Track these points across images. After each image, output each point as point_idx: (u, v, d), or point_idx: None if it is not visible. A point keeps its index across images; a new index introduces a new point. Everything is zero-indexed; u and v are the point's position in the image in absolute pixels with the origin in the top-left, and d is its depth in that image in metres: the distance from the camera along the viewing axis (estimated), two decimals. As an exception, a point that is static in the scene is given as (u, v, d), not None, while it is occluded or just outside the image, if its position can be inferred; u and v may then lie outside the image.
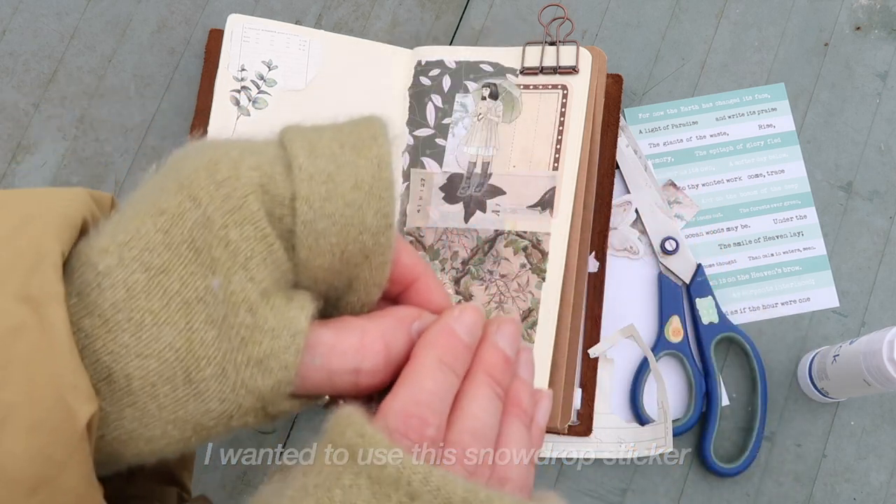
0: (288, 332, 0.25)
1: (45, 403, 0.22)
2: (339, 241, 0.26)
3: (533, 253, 0.60)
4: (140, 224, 0.25)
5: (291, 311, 0.25)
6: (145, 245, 0.24)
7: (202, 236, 0.24)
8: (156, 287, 0.24)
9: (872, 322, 0.63)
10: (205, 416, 0.25)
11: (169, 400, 0.24)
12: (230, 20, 0.65)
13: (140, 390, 0.24)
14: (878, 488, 0.60)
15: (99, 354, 0.24)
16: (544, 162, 0.61)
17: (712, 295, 0.62)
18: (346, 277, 0.27)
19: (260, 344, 0.24)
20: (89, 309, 0.24)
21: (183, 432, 0.25)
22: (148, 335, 0.24)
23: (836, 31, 0.68)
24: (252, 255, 0.25)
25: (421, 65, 0.65)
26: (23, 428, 0.22)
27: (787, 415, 0.61)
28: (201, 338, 0.24)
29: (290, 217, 0.25)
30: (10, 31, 0.68)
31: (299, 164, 0.25)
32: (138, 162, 0.66)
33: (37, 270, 0.23)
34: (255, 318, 0.24)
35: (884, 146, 0.66)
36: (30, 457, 0.22)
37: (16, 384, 0.22)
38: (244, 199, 0.25)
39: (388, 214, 0.26)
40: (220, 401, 0.25)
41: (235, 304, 0.24)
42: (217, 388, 0.24)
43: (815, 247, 0.64)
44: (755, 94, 0.67)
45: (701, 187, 0.66)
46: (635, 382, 0.61)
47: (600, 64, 0.62)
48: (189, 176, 0.25)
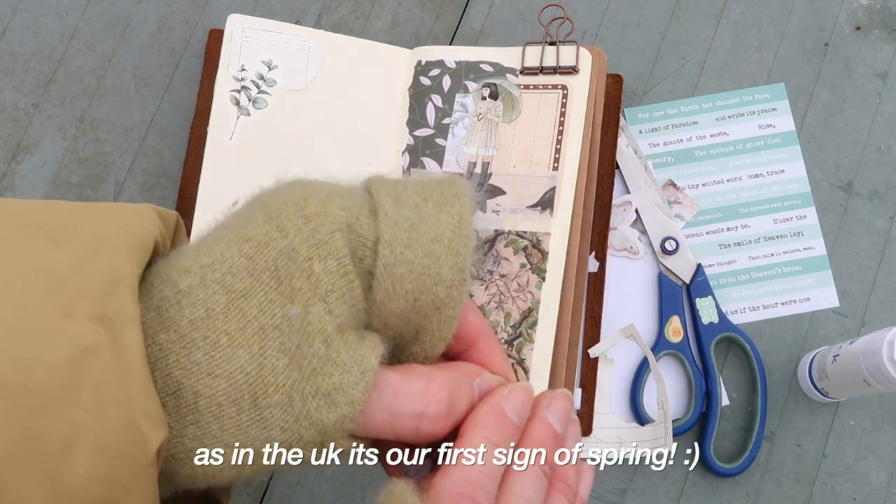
0: (358, 368, 0.25)
1: (115, 426, 0.22)
2: (414, 288, 0.26)
3: (533, 253, 0.60)
4: (224, 248, 0.25)
5: (363, 348, 0.26)
6: (228, 269, 0.25)
7: (286, 266, 0.25)
8: (235, 310, 0.24)
9: (872, 322, 0.63)
10: (264, 443, 0.25)
11: (232, 423, 0.24)
12: (230, 20, 0.65)
13: (206, 409, 0.24)
14: (878, 488, 0.60)
15: (171, 368, 0.24)
16: (544, 162, 0.61)
17: (712, 295, 0.62)
18: (414, 327, 0.28)
19: (330, 376, 0.25)
20: (166, 324, 0.24)
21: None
22: (221, 355, 0.24)
23: (836, 31, 0.68)
24: (332, 289, 0.25)
25: (421, 65, 0.65)
26: (91, 449, 0.22)
27: (787, 415, 0.61)
28: (273, 364, 0.24)
29: (371, 259, 0.26)
30: (10, 31, 0.68)
31: (385, 210, 0.26)
32: (138, 162, 0.66)
33: (113, 292, 0.23)
34: (329, 350, 0.25)
35: (884, 146, 0.66)
36: (96, 479, 0.22)
37: (86, 405, 0.22)
38: (331, 234, 0.25)
39: (463, 269, 0.27)
40: (281, 430, 0.25)
41: (311, 335, 0.25)
42: (281, 416, 0.25)
43: (815, 247, 0.64)
44: (755, 94, 0.67)
45: (701, 187, 0.66)
46: (635, 382, 0.61)
47: (600, 64, 0.62)
48: (277, 208, 0.26)
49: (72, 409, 0.22)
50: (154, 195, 0.65)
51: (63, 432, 0.22)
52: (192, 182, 0.63)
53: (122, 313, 0.23)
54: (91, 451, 0.22)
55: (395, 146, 0.64)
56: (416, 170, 0.63)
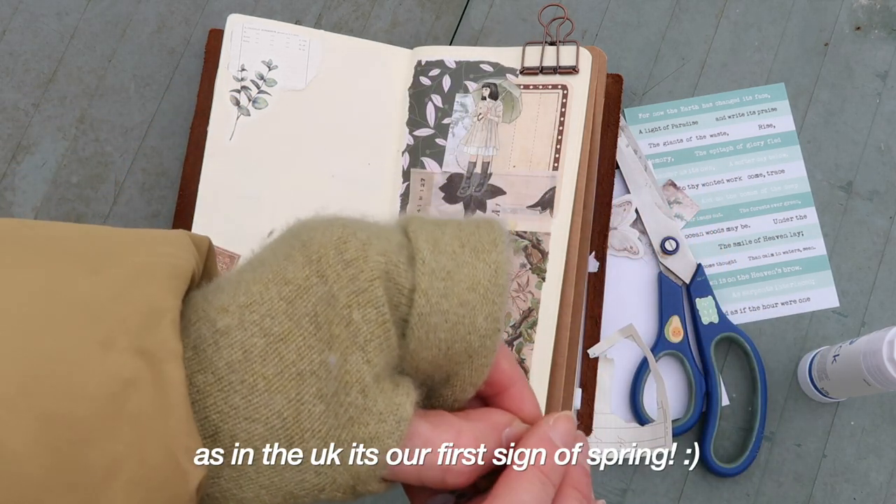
0: (394, 417, 0.25)
1: (154, 461, 0.22)
2: (448, 337, 0.27)
3: (533, 253, 0.60)
4: (263, 289, 0.25)
5: (398, 396, 0.26)
6: (267, 311, 0.25)
7: (325, 312, 0.25)
8: (273, 354, 0.24)
9: (872, 322, 0.63)
10: (298, 486, 0.25)
11: (268, 466, 0.25)
12: (230, 20, 0.65)
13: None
14: (878, 488, 0.60)
15: (209, 412, 0.24)
16: (544, 162, 0.61)
17: (712, 295, 0.62)
18: (445, 373, 0.28)
19: (367, 425, 0.25)
20: (203, 365, 0.24)
21: (273, 498, 0.25)
22: (259, 400, 0.24)
23: (836, 31, 0.68)
24: (371, 338, 0.25)
25: (421, 65, 0.65)
26: (129, 482, 0.22)
27: (787, 415, 0.61)
28: (309, 410, 0.25)
29: (407, 307, 0.26)
30: (10, 31, 0.68)
31: (423, 258, 0.26)
32: (138, 162, 0.66)
33: (155, 325, 0.23)
34: (366, 400, 0.25)
35: (884, 146, 0.66)
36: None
37: (125, 438, 0.22)
38: (371, 283, 0.25)
39: (497, 319, 0.27)
40: (316, 473, 0.25)
41: (349, 384, 0.25)
42: (316, 462, 0.25)
43: (815, 247, 0.64)
44: (755, 94, 0.67)
45: (701, 187, 0.66)
46: (635, 382, 0.61)
47: (600, 64, 0.62)
48: (318, 251, 0.26)
49: (111, 442, 0.22)
50: (154, 195, 0.65)
51: (102, 464, 0.22)
52: (192, 182, 0.63)
53: (164, 347, 0.23)
54: (129, 484, 0.22)
55: (395, 146, 0.64)
56: (416, 170, 0.63)
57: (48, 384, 0.22)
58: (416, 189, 0.63)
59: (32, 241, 0.24)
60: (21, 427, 0.21)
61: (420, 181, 0.63)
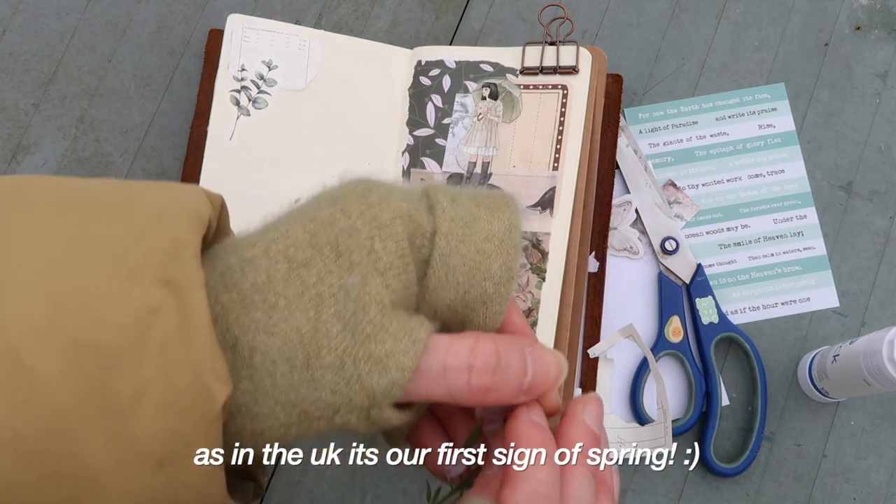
0: (409, 338, 0.26)
1: (181, 383, 0.23)
2: (465, 280, 0.28)
3: (533, 253, 0.60)
4: (290, 226, 0.27)
5: (413, 322, 0.27)
6: (291, 242, 0.26)
7: (346, 242, 0.26)
8: (295, 277, 0.26)
9: (872, 322, 0.63)
10: (313, 404, 0.26)
11: (284, 380, 0.25)
12: (230, 20, 0.65)
13: (260, 364, 0.25)
14: (878, 488, 0.60)
15: (230, 325, 0.25)
16: (544, 162, 0.61)
17: (712, 295, 0.62)
18: (460, 320, 0.29)
19: (383, 343, 0.26)
20: (228, 287, 0.26)
21: (288, 416, 0.26)
22: (279, 316, 0.25)
23: (836, 31, 0.68)
24: (390, 266, 0.27)
25: (421, 65, 0.65)
26: (157, 405, 0.23)
27: (787, 415, 0.61)
28: (327, 329, 0.25)
29: (428, 248, 0.28)
30: (10, 31, 0.68)
31: (442, 207, 0.28)
32: (138, 162, 0.66)
33: (176, 258, 0.24)
34: (383, 319, 0.26)
35: (884, 146, 0.66)
36: (162, 433, 0.23)
37: (151, 363, 0.23)
38: (392, 220, 0.27)
39: (511, 269, 0.29)
40: (332, 391, 0.26)
41: (367, 304, 0.26)
42: (332, 378, 0.25)
43: (815, 247, 0.64)
44: (755, 94, 0.67)
45: (701, 187, 0.66)
46: (635, 382, 0.61)
47: (600, 64, 0.62)
48: (343, 196, 0.27)
49: (139, 367, 0.23)
50: (154, 195, 0.65)
51: (130, 389, 0.23)
52: (191, 182, 0.63)
53: (186, 277, 0.24)
54: (157, 407, 0.23)
55: (395, 146, 0.64)
56: (416, 170, 0.63)
57: (76, 315, 0.23)
58: (416, 189, 0.63)
59: (58, 192, 0.26)
60: (52, 356, 0.22)
61: (420, 181, 0.63)
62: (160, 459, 0.23)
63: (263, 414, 0.26)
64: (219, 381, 0.24)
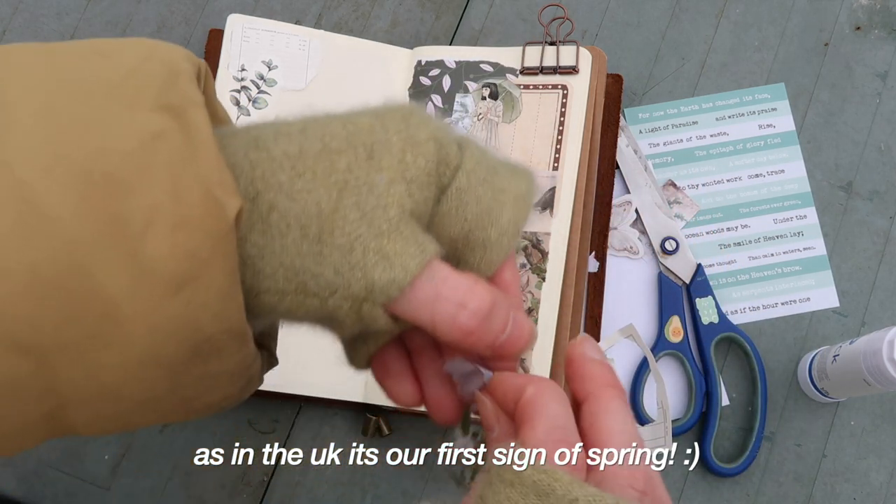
0: (419, 247, 0.27)
1: (192, 200, 0.24)
2: (472, 220, 0.29)
3: (533, 253, 0.60)
4: (329, 121, 0.28)
5: (426, 236, 0.28)
6: (329, 132, 0.27)
7: (379, 149, 0.27)
8: (325, 159, 0.27)
9: (872, 322, 0.63)
10: (314, 279, 0.26)
11: (294, 246, 0.26)
12: (230, 20, 0.65)
13: (275, 224, 0.26)
14: (878, 488, 0.60)
15: (255, 179, 0.26)
16: (544, 162, 0.61)
17: (712, 295, 0.62)
18: (457, 258, 0.30)
19: (395, 242, 0.26)
20: (260, 148, 0.26)
21: (287, 283, 0.26)
22: (303, 185, 0.26)
23: (836, 31, 0.68)
24: (416, 179, 0.27)
25: (421, 65, 0.65)
26: (170, 226, 0.23)
27: (787, 415, 0.61)
28: (345, 213, 0.26)
29: (449, 178, 0.28)
30: (10, 31, 0.68)
31: (472, 151, 0.29)
32: (138, 162, 0.66)
33: (174, 84, 0.25)
34: (400, 221, 0.27)
35: (884, 146, 0.66)
36: (176, 254, 0.23)
37: (160, 185, 0.23)
38: (427, 141, 0.28)
39: (518, 225, 0.30)
40: (335, 271, 0.26)
41: (388, 204, 0.27)
42: (339, 259, 0.26)
43: (815, 247, 0.64)
44: (755, 94, 0.67)
45: (701, 187, 0.66)
46: (635, 382, 0.61)
47: (600, 64, 0.62)
48: (385, 113, 0.29)
49: (148, 191, 0.23)
50: (154, 195, 0.65)
51: (142, 213, 0.23)
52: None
53: (185, 99, 0.25)
54: (170, 228, 0.23)
55: (395, 146, 0.64)
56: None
57: (81, 147, 0.23)
58: (416, 189, 0.63)
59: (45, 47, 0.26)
60: (61, 188, 0.22)
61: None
62: (178, 282, 0.23)
63: (266, 273, 0.26)
64: (228, 194, 0.24)
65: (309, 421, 0.64)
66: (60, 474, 0.64)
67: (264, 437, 0.63)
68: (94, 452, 0.64)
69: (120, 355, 0.24)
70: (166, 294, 0.23)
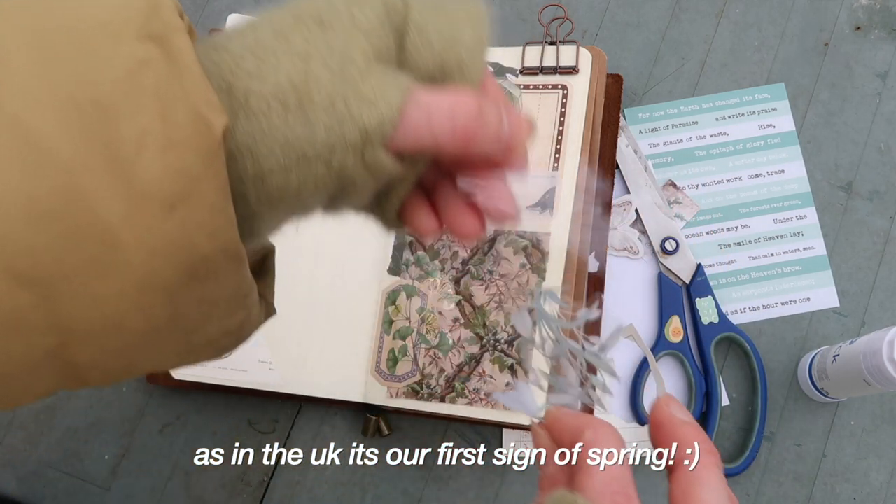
0: (395, 83, 0.28)
1: (180, 121, 0.24)
2: (439, 48, 0.30)
3: (533, 253, 0.60)
4: (271, 15, 0.29)
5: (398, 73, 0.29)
6: (277, 20, 0.28)
7: (328, 17, 0.28)
8: (281, 40, 0.28)
9: (872, 322, 0.63)
10: (310, 144, 0.27)
11: (280, 120, 0.27)
12: (230, 20, 0.65)
13: (256, 106, 0.27)
14: (878, 488, 0.60)
15: (223, 74, 0.27)
16: (544, 162, 0.61)
17: (712, 295, 0.62)
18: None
19: (371, 85, 0.27)
20: (219, 49, 0.27)
21: (287, 158, 0.27)
22: (269, 67, 0.27)
23: (836, 31, 0.68)
24: (371, 29, 0.28)
25: (421, 65, 0.65)
26: (159, 147, 0.24)
27: (787, 415, 0.61)
28: (317, 75, 0.27)
29: (402, 21, 0.29)
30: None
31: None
32: (138, 162, 0.66)
33: (155, 14, 0.25)
34: (368, 66, 0.28)
35: (884, 146, 0.66)
36: (167, 173, 0.24)
37: (149, 109, 0.24)
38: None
39: (482, 39, 0.31)
40: (326, 129, 0.27)
41: (352, 56, 0.28)
42: (325, 118, 0.27)
43: (815, 247, 0.64)
44: (755, 94, 0.67)
45: (701, 187, 0.66)
46: (635, 382, 0.61)
47: (600, 64, 0.62)
48: None
49: (138, 115, 0.24)
50: (154, 195, 0.65)
51: (132, 137, 0.24)
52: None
53: (168, 26, 0.25)
54: (161, 148, 0.24)
55: (395, 146, 0.64)
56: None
57: (70, 78, 0.24)
58: (416, 189, 0.63)
59: None
60: (53, 117, 0.23)
61: (420, 181, 0.63)
62: (172, 202, 0.24)
63: (263, 154, 0.27)
64: (214, 112, 0.25)
65: (309, 421, 0.64)
66: (60, 474, 0.64)
67: (264, 437, 0.63)
68: (94, 452, 0.64)
69: (120, 282, 0.24)
70: (161, 215, 0.24)
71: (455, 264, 0.61)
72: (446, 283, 0.61)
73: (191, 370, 0.62)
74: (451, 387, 0.59)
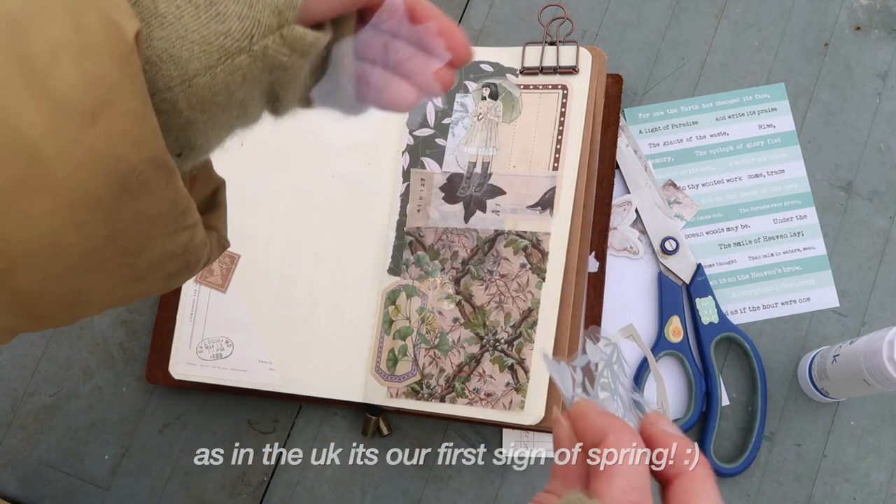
0: None
1: (92, 28, 0.24)
2: None
3: (533, 253, 0.60)
4: None
5: None
6: None
7: None
8: None
9: (872, 322, 0.63)
10: (227, 37, 0.27)
11: (193, 20, 0.27)
12: None
13: (167, 11, 0.27)
14: (878, 488, 0.60)
15: None
16: (544, 162, 0.61)
17: (712, 295, 0.62)
18: None
19: None
20: None
21: (209, 56, 0.27)
22: None
23: (836, 31, 0.68)
24: None
25: (421, 65, 0.65)
26: (74, 56, 0.24)
27: (787, 415, 0.61)
28: None
29: None
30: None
31: None
32: (138, 162, 0.66)
33: None
34: None
35: (884, 146, 0.66)
36: (85, 82, 0.24)
37: (59, 19, 0.24)
38: None
39: None
40: (239, 18, 0.27)
41: None
42: (235, 7, 0.27)
43: (815, 247, 0.64)
44: (755, 94, 0.67)
45: (701, 187, 0.66)
46: (635, 382, 0.61)
47: (600, 64, 0.62)
48: None
49: (50, 27, 0.24)
50: (154, 195, 0.65)
51: (46, 47, 0.24)
52: (192, 182, 0.63)
53: None
54: (75, 57, 0.24)
55: (395, 146, 0.64)
56: (416, 170, 0.63)
57: None
58: (416, 189, 0.63)
59: None
60: None
61: (420, 181, 0.63)
62: (92, 111, 0.24)
63: (184, 57, 0.27)
64: (125, 16, 0.25)
65: (309, 421, 0.64)
66: (60, 474, 0.64)
67: (264, 437, 0.63)
68: (94, 452, 0.64)
69: (51, 200, 0.24)
70: (83, 126, 0.24)
71: (455, 264, 0.61)
72: (446, 282, 0.61)
73: (191, 370, 0.62)
74: (451, 387, 0.59)
